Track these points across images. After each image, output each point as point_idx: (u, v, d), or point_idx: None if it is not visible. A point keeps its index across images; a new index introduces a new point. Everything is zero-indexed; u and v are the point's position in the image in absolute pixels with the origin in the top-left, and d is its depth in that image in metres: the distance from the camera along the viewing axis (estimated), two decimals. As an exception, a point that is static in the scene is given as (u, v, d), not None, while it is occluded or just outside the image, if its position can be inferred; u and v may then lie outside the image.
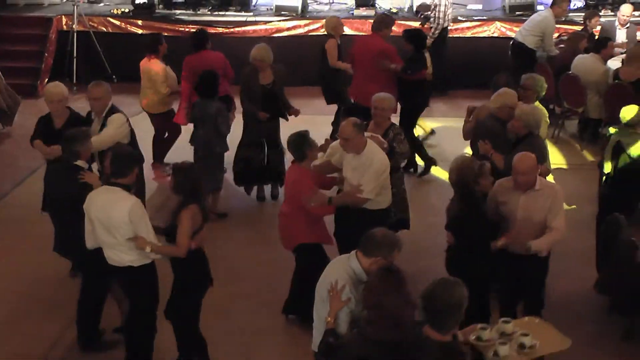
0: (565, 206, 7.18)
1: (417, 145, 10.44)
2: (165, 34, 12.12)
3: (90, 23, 13.78)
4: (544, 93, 8.54)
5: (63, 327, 7.37)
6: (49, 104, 7.90)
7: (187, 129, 9.73)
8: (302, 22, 13.78)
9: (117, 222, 6.12)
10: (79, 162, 6.84)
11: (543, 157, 7.41)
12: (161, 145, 10.51)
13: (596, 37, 11.92)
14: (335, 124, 10.60)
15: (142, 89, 10.32)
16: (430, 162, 10.47)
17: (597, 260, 7.50)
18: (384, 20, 10.63)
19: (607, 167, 8.22)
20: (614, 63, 11.17)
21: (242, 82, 9.53)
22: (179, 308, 6.42)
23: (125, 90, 12.68)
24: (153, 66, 10.08)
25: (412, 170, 10.45)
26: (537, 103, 8.36)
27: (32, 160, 10.24)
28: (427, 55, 10.23)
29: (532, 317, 6.07)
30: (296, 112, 9.69)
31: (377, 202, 7.12)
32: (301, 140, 7.01)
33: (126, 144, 7.66)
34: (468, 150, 8.63)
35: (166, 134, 10.50)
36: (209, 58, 10.04)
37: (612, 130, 8.29)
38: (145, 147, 9.28)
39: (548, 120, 8.52)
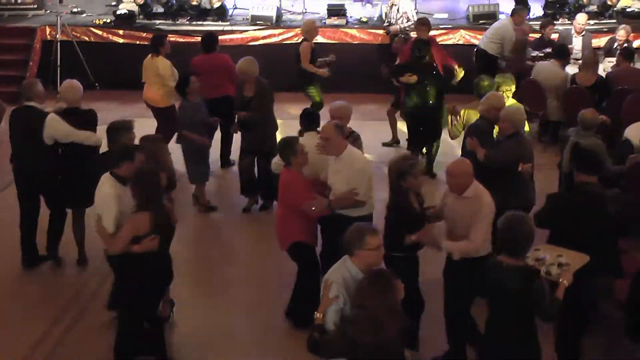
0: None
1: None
2: (146, 43, 12.41)
3: (73, 33, 14.01)
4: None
5: (48, 324, 7.48)
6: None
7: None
8: (277, 32, 14.10)
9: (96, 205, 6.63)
10: None
11: (530, 156, 7.66)
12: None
13: (551, 43, 12.34)
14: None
15: (146, 85, 10.60)
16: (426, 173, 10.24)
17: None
18: (417, 23, 11.17)
19: (566, 167, 8.50)
20: (572, 68, 11.52)
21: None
22: (124, 300, 6.57)
23: (107, 97, 13.00)
24: (160, 62, 10.41)
25: None
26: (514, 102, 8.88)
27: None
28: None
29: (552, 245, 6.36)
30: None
31: (360, 208, 6.96)
32: (283, 147, 7.13)
33: None
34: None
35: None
36: (215, 60, 10.41)
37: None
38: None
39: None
